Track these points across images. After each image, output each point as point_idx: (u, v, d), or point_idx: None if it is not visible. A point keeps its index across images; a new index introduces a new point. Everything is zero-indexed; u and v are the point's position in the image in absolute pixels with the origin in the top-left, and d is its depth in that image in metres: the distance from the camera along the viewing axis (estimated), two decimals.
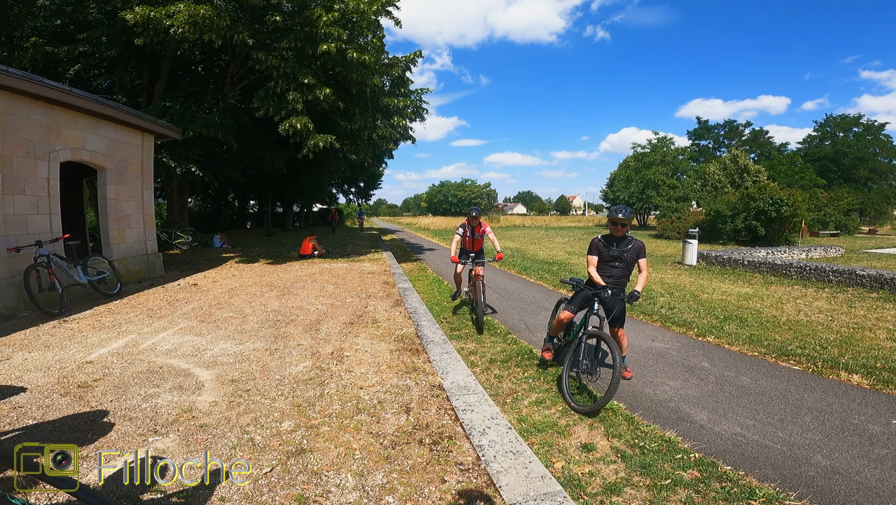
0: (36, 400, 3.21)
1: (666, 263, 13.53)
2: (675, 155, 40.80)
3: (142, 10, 8.98)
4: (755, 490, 2.57)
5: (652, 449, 3.03)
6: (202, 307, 6.34)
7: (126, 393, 3.36)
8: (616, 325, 4.24)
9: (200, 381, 3.64)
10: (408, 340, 4.89)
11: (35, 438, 2.67)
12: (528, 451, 2.65)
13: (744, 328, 6.10)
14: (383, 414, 3.14)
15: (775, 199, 19.57)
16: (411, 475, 2.42)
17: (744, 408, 3.73)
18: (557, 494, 2.23)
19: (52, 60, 11.74)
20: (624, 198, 38.52)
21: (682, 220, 24.78)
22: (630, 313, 6.71)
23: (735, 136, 54.88)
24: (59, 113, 6.90)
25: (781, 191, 20.76)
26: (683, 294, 8.51)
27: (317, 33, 10.02)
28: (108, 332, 5.07)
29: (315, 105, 10.81)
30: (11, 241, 5.97)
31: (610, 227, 4.17)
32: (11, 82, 5.83)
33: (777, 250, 14.81)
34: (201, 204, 31.00)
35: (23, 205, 6.25)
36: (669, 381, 4.34)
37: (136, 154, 8.90)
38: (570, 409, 3.67)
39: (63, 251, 6.79)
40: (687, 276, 11.00)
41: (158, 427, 2.85)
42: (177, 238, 14.53)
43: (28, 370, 3.82)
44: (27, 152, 6.31)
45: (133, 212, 8.85)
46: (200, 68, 15.28)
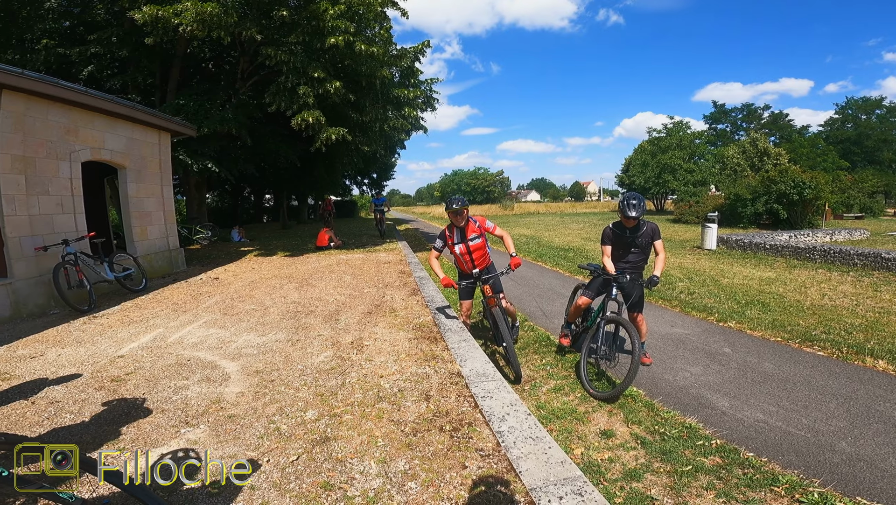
0: (72, 394, 3.34)
1: (685, 248, 13.33)
2: (691, 139, 39.98)
3: (149, 9, 9.07)
4: (778, 477, 2.57)
5: (672, 435, 3.03)
6: (224, 300, 6.48)
7: (157, 386, 3.48)
8: (635, 310, 4.22)
9: (227, 372, 3.75)
10: (426, 329, 4.94)
11: (73, 432, 2.78)
12: (547, 437, 2.68)
13: (766, 313, 6.01)
14: (404, 402, 3.20)
15: (797, 182, 19.12)
16: (433, 461, 2.47)
17: (767, 394, 3.69)
18: (577, 479, 2.25)
19: (66, 62, 11.95)
20: (640, 183, 37.91)
21: (701, 205, 24.40)
22: (648, 298, 6.65)
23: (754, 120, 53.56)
24: (77, 113, 7.04)
25: (804, 173, 20.26)
26: (703, 279, 8.40)
27: (324, 27, 10.02)
28: (137, 326, 5.23)
29: (326, 98, 10.85)
30: (38, 240, 6.16)
31: (622, 220, 4.12)
32: (28, 84, 5.93)
33: (800, 234, 14.48)
34: (219, 199, 31.49)
35: (48, 205, 6.43)
36: (690, 367, 4.32)
37: (154, 152, 9.06)
38: (589, 395, 3.68)
39: (89, 249, 6.98)
40: (706, 260, 10.84)
41: (189, 418, 2.95)
42: (197, 233, 14.80)
43: (62, 365, 3.97)
44: (48, 153, 6.46)
45: (154, 209, 9.04)
46: (211, 66, 15.42)
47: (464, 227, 4.41)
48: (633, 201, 3.97)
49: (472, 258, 4.45)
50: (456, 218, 4.37)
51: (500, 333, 4.15)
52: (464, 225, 4.41)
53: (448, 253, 4.62)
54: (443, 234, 4.50)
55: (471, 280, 4.47)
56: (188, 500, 2.13)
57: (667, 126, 41.49)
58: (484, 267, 4.54)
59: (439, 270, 4.45)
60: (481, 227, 4.44)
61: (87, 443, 2.63)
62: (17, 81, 5.75)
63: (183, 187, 16.31)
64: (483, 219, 4.49)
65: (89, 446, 2.59)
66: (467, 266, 4.50)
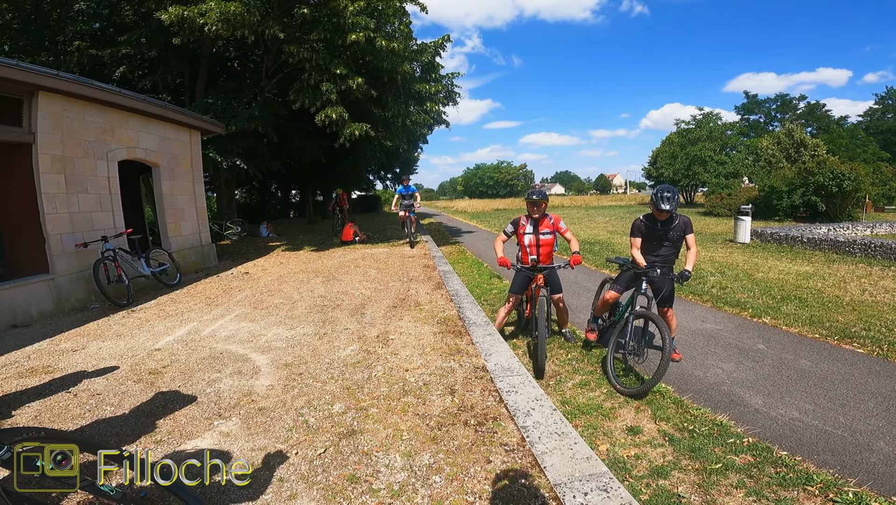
0: (112, 387, 3.49)
1: (716, 242, 12.95)
2: (723, 130, 38.81)
3: (175, 9, 9.31)
4: (812, 476, 2.49)
5: (702, 433, 2.97)
6: (254, 294, 6.65)
7: (192, 378, 3.61)
8: (665, 305, 4.13)
9: (257, 365, 3.85)
10: (450, 323, 4.96)
11: (113, 424, 2.90)
12: (573, 432, 2.66)
13: (803, 309, 5.80)
14: (429, 396, 3.22)
15: (836, 174, 18.39)
16: (457, 455, 2.49)
17: (802, 392, 3.58)
18: (603, 476, 2.24)
19: (98, 63, 12.36)
20: (669, 175, 37.04)
21: (733, 197, 23.67)
22: (678, 293, 6.49)
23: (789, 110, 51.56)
24: (113, 114, 7.28)
25: (843, 165, 19.44)
26: (736, 273, 8.15)
27: (344, 23, 10.11)
28: (172, 320, 5.42)
29: (349, 95, 10.96)
30: (79, 237, 6.43)
31: (654, 213, 4.04)
32: (64, 86, 6.14)
33: (839, 227, 13.89)
34: (247, 196, 32.23)
35: (87, 203, 6.70)
36: (721, 363, 4.21)
37: (186, 150, 9.33)
38: (616, 391, 3.63)
39: (127, 245, 7.26)
40: (739, 254, 10.51)
41: (222, 411, 3.04)
42: (227, 229, 15.22)
43: (103, 358, 4.15)
44: (86, 153, 6.72)
45: (187, 205, 9.32)
46: (237, 64, 15.74)
47: (538, 219, 4.49)
48: (667, 194, 3.88)
49: (538, 251, 4.51)
50: (532, 208, 4.45)
51: (539, 321, 4.13)
52: (538, 217, 4.49)
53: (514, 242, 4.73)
54: (516, 221, 4.58)
55: (529, 269, 4.52)
56: (219, 491, 2.21)
57: (696, 117, 40.49)
58: (544, 260, 4.60)
59: (500, 251, 4.49)
60: (555, 224, 4.49)
61: (125, 435, 2.75)
62: (53, 83, 5.96)
63: (213, 184, 16.76)
64: (559, 218, 4.54)
65: (128, 439, 2.71)
66: (531, 260, 4.56)
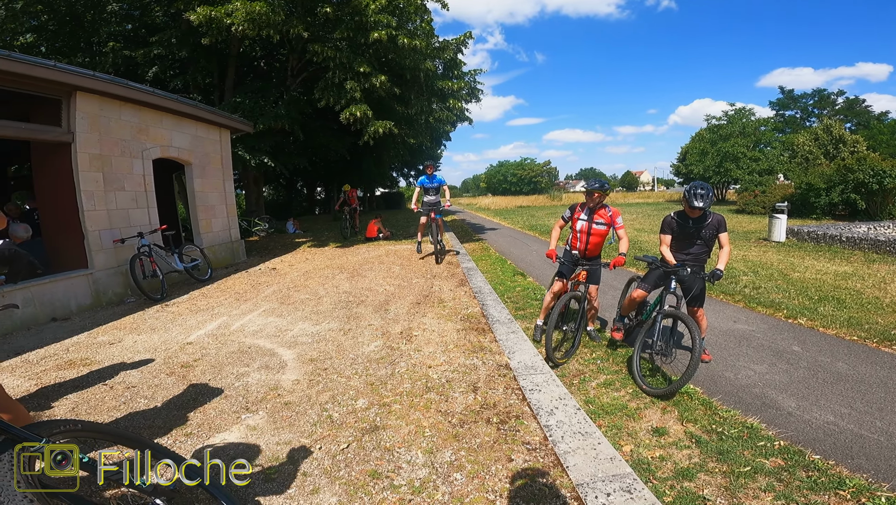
0: (146, 379, 3.61)
1: (749, 240, 12.54)
2: (756, 126, 37.47)
3: (203, 10, 9.57)
4: (844, 480, 2.40)
5: (731, 435, 2.89)
6: (281, 290, 6.79)
7: (221, 372, 3.71)
8: (695, 304, 4.03)
9: (283, 360, 3.94)
10: (474, 320, 4.95)
11: (147, 417, 3.01)
12: (597, 432, 2.63)
13: (841, 310, 5.56)
14: (452, 393, 3.23)
15: (877, 171, 17.57)
16: (479, 453, 2.49)
17: (838, 395, 3.44)
18: (627, 476, 2.20)
19: (131, 64, 12.80)
20: (699, 172, 36.04)
21: (768, 194, 22.86)
22: (708, 293, 6.31)
23: (826, 106, 49.26)
24: (147, 113, 7.53)
25: (884, 161, 18.59)
26: (770, 272, 7.87)
27: (366, 22, 10.19)
28: (203, 315, 5.59)
29: (372, 93, 11.05)
30: (116, 233, 6.69)
31: (686, 210, 3.93)
32: (101, 86, 6.36)
33: (880, 225, 13.25)
34: (274, 193, 32.93)
35: (124, 200, 6.96)
36: (753, 365, 4.08)
37: (216, 149, 9.58)
38: (642, 391, 3.56)
39: (161, 241, 7.51)
40: (774, 253, 10.15)
41: (250, 405, 3.12)
42: (255, 225, 15.58)
43: (138, 351, 4.31)
44: (123, 151, 6.96)
45: (217, 203, 9.58)
46: (263, 64, 16.06)
47: (594, 208, 4.40)
48: (701, 191, 3.76)
49: (587, 240, 4.44)
50: (588, 198, 4.38)
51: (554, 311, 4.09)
52: (594, 207, 4.40)
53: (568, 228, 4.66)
54: (573, 207, 4.54)
55: (572, 261, 4.47)
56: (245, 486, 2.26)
57: (727, 113, 39.18)
58: (591, 256, 4.53)
59: (555, 239, 4.49)
60: (612, 218, 4.35)
61: (157, 428, 2.84)
62: (90, 83, 6.19)
63: (242, 182, 17.16)
64: (618, 213, 4.38)
65: (160, 431, 2.80)
66: (579, 246, 4.49)
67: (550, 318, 4.05)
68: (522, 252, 11.72)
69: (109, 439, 1.90)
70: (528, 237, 15.35)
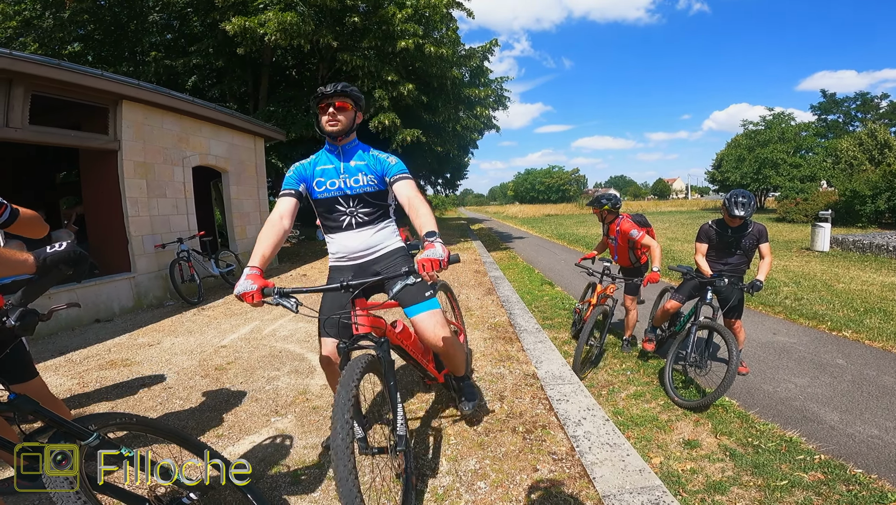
0: (182, 381, 3.74)
1: (790, 249, 12.03)
2: (796, 131, 36.03)
3: (238, 20, 9.95)
4: (887, 494, 2.29)
5: (768, 449, 2.78)
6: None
7: (252, 375, 3.81)
8: (732, 315, 3.89)
9: (312, 365, 4.01)
10: (501, 329, 4.92)
11: (181, 417, 3.11)
12: (625, 443, 2.56)
13: (889, 322, 5.27)
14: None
15: None
16: (503, 462, 2.47)
17: (884, 409, 3.26)
18: (656, 489, 2.13)
19: (172, 73, 13.38)
20: (735, 179, 34.86)
21: (810, 202, 21.91)
22: (747, 304, 6.09)
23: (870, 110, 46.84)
24: (187, 122, 7.84)
25: None
26: (813, 283, 7.53)
27: (393, 31, 10.40)
28: (237, 319, 5.76)
29: (400, 101, 11.23)
30: (157, 238, 6.98)
31: (726, 218, 3.82)
32: (145, 95, 6.66)
33: None
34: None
35: (165, 206, 7.26)
36: (794, 378, 3.91)
37: (251, 157, 9.91)
38: (673, 403, 3.46)
39: (199, 247, 7.79)
40: (817, 263, 9.70)
41: (279, 408, 3.19)
42: None
43: (175, 353, 4.47)
44: (165, 159, 7.27)
45: (251, 209, 9.88)
46: (294, 73, 16.51)
47: (608, 223, 4.53)
48: (742, 199, 3.63)
49: (615, 253, 4.62)
50: (600, 214, 4.53)
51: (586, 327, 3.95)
52: (607, 222, 4.54)
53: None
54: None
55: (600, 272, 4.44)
56: (272, 487, 2.30)
57: (765, 118, 37.81)
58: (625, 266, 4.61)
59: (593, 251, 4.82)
60: (622, 232, 4.33)
61: (191, 428, 2.93)
62: (135, 92, 6.49)
63: (275, 189, 17.64)
64: (629, 228, 4.25)
65: (194, 432, 2.88)
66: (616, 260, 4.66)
67: (583, 332, 3.96)
68: (550, 261, 11.60)
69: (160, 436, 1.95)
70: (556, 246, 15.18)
